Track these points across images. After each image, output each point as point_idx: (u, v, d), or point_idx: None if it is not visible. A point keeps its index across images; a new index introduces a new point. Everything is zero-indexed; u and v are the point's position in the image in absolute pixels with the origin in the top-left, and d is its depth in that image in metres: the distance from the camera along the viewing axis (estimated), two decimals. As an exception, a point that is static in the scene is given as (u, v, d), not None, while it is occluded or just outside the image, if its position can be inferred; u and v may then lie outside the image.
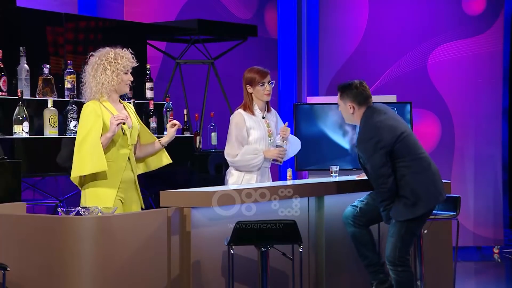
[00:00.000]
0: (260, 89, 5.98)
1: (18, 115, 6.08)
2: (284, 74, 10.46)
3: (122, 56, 5.33)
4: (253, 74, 5.99)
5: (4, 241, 4.73)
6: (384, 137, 5.45)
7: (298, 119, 7.64)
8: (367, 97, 5.59)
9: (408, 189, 5.47)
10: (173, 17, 9.21)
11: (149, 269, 4.74)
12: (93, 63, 5.32)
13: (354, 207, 5.73)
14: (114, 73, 5.29)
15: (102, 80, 5.27)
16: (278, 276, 5.34)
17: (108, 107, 5.29)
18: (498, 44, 9.74)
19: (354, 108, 5.58)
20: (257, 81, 5.97)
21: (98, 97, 5.28)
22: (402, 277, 5.54)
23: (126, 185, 5.31)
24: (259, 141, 5.99)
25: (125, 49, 5.39)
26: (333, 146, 7.55)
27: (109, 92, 5.30)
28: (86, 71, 5.36)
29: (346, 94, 5.61)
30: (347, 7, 9.85)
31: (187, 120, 7.69)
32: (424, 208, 5.49)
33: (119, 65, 5.30)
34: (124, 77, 5.33)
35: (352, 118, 5.62)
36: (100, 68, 5.28)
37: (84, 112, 5.25)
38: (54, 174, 6.70)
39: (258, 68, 6.04)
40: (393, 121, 5.55)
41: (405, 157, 5.49)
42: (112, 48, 5.36)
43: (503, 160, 10.03)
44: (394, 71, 9.65)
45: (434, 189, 5.53)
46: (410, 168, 5.49)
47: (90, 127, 5.18)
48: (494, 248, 9.85)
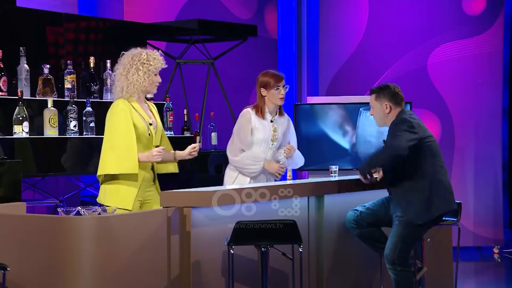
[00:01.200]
0: (275, 93, 6.00)
1: (18, 115, 6.08)
2: (284, 74, 10.45)
3: (154, 58, 5.41)
4: (268, 78, 6.01)
5: (4, 241, 4.73)
6: (416, 129, 5.51)
7: (298, 119, 7.64)
8: (402, 98, 5.71)
9: (427, 191, 5.51)
10: (173, 17, 9.21)
11: (149, 269, 4.74)
12: (125, 63, 5.40)
13: (355, 211, 5.76)
14: (146, 74, 5.38)
15: (134, 80, 5.36)
16: (278, 276, 5.34)
17: (136, 107, 5.37)
18: (498, 44, 9.73)
19: (391, 108, 5.65)
20: (272, 85, 5.99)
21: (127, 96, 5.36)
22: (401, 277, 5.54)
23: (147, 183, 5.40)
24: (261, 142, 5.98)
25: (155, 50, 5.46)
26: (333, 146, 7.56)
27: (140, 92, 5.39)
28: (117, 70, 5.44)
29: (383, 94, 5.68)
30: (347, 7, 9.85)
31: (187, 120, 7.69)
32: (440, 210, 5.52)
33: (151, 66, 5.39)
34: (155, 78, 5.42)
35: (387, 118, 5.66)
36: (133, 69, 5.36)
37: (115, 109, 5.33)
38: (54, 174, 6.70)
39: (274, 72, 6.08)
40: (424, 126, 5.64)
41: (431, 159, 5.55)
42: (143, 48, 5.44)
43: (503, 160, 10.02)
44: (394, 71, 9.65)
45: (449, 196, 5.60)
46: (433, 172, 5.54)
47: (124, 126, 5.28)
48: (494, 248, 9.85)
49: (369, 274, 6.11)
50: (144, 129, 5.36)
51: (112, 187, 5.32)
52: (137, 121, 5.34)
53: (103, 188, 5.37)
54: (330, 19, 9.90)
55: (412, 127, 5.50)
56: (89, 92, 6.86)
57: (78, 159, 6.54)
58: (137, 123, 5.32)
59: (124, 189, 5.29)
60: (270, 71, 6.08)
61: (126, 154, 5.26)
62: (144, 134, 5.35)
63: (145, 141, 5.38)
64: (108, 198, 5.31)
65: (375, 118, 5.74)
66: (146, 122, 5.39)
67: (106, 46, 7.42)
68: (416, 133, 5.50)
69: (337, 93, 9.31)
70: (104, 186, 5.36)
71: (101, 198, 5.37)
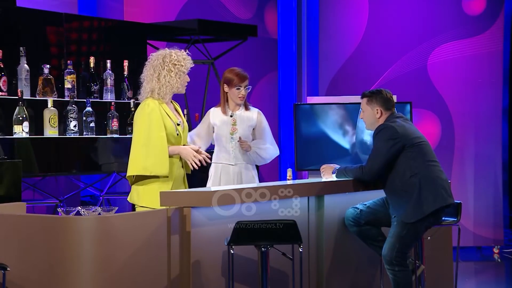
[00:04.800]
0: (235, 92, 6.08)
1: (18, 115, 6.08)
2: (284, 74, 10.46)
3: (184, 58, 5.44)
4: (232, 76, 6.08)
5: (4, 241, 4.73)
6: (401, 134, 5.58)
7: (298, 119, 7.63)
8: (393, 104, 5.79)
9: (417, 188, 5.52)
10: (173, 17, 9.21)
11: (149, 269, 4.74)
12: (156, 64, 5.39)
13: (355, 209, 5.80)
14: (178, 75, 5.40)
15: (166, 82, 5.36)
16: (278, 276, 5.34)
17: (164, 107, 5.38)
18: (498, 44, 9.73)
19: (382, 113, 5.72)
20: (234, 83, 6.07)
21: (158, 98, 5.37)
22: (400, 277, 5.55)
23: (178, 181, 5.43)
24: (220, 137, 6.10)
25: (182, 50, 5.47)
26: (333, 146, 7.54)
27: (171, 93, 5.42)
28: (147, 72, 5.42)
29: (375, 99, 5.75)
30: (347, 7, 9.85)
31: (187, 120, 7.69)
32: (433, 207, 5.51)
33: (182, 66, 5.40)
34: (185, 78, 5.44)
35: (377, 123, 5.74)
36: (165, 70, 5.36)
37: (146, 109, 5.33)
38: (54, 174, 6.70)
39: (238, 71, 6.12)
40: (413, 129, 5.70)
41: (420, 159, 5.59)
42: (171, 49, 5.44)
43: (503, 160, 10.02)
44: (394, 71, 9.65)
45: (443, 191, 5.58)
46: (424, 170, 5.57)
47: (156, 127, 5.29)
48: (494, 248, 9.85)
49: (369, 274, 6.11)
50: (172, 129, 5.37)
51: (145, 187, 5.33)
52: (166, 121, 5.35)
53: (135, 188, 5.37)
54: (330, 19, 9.89)
55: (395, 133, 5.57)
56: (89, 92, 6.86)
57: (78, 159, 6.55)
58: (166, 124, 5.34)
59: (157, 189, 5.25)
60: (236, 69, 6.13)
61: (159, 156, 5.27)
62: (172, 134, 5.37)
63: (174, 141, 5.39)
64: (142, 198, 5.32)
65: (365, 121, 5.84)
66: (174, 122, 5.40)
67: (106, 46, 7.42)
68: (398, 141, 5.56)
69: (337, 93, 9.30)
70: (136, 186, 5.36)
71: (134, 198, 5.38)
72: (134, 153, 5.32)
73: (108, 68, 6.91)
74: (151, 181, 5.33)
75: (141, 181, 5.34)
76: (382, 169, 5.60)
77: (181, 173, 5.48)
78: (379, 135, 5.64)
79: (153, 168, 5.28)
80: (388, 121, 5.68)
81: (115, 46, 7.47)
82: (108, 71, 6.91)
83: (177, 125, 5.42)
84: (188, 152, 5.39)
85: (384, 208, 5.74)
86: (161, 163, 5.28)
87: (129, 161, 5.34)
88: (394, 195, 5.61)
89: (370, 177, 5.65)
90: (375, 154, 5.62)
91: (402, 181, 5.56)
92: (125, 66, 7.07)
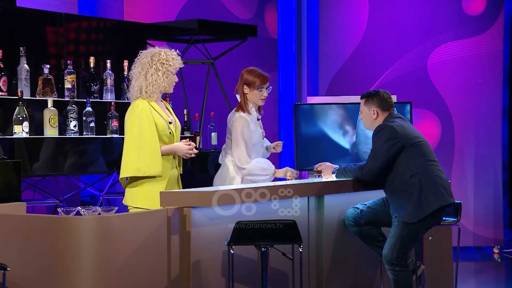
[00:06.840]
0: (257, 94, 5.92)
1: (18, 115, 6.08)
2: (284, 74, 10.46)
3: (173, 58, 5.41)
4: (254, 78, 5.90)
5: (4, 241, 4.73)
6: (400, 134, 5.58)
7: (298, 119, 7.63)
8: (391, 105, 5.78)
9: (417, 188, 5.52)
10: (173, 17, 9.21)
11: (149, 269, 4.74)
12: (144, 63, 5.37)
13: (355, 208, 5.80)
14: (165, 74, 5.37)
15: (153, 80, 5.34)
16: (278, 276, 5.34)
17: (154, 107, 5.36)
18: (498, 44, 9.73)
19: (378, 114, 5.72)
20: (257, 85, 5.92)
21: (146, 97, 5.35)
22: (400, 277, 5.55)
23: (172, 182, 5.41)
24: (258, 143, 5.97)
25: (173, 49, 5.44)
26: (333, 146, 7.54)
27: (159, 92, 5.38)
28: (135, 69, 5.41)
29: (372, 100, 5.76)
30: (347, 7, 9.85)
31: (187, 120, 7.69)
32: (433, 207, 5.51)
33: (170, 66, 5.37)
34: (173, 78, 5.41)
35: (374, 123, 5.74)
36: (152, 69, 5.34)
37: (135, 110, 5.31)
38: (54, 174, 6.70)
39: (260, 72, 5.96)
40: (411, 129, 5.70)
41: (419, 159, 5.59)
42: (162, 48, 5.42)
43: (503, 160, 10.02)
44: (394, 71, 9.65)
45: (443, 191, 5.58)
46: (423, 169, 5.57)
47: (147, 128, 5.27)
48: (494, 248, 9.85)
49: (369, 274, 6.11)
50: (164, 127, 5.36)
51: (138, 189, 5.32)
52: (158, 120, 5.33)
53: (129, 191, 5.35)
54: (330, 19, 9.90)
55: (394, 133, 5.57)
56: (89, 92, 6.86)
57: (78, 159, 6.54)
58: (157, 123, 5.32)
59: (151, 189, 5.26)
60: (257, 71, 5.95)
61: (152, 156, 5.26)
62: (164, 133, 5.36)
63: (167, 140, 5.38)
64: (136, 200, 5.31)
65: (363, 122, 5.85)
66: (166, 121, 5.40)
67: (106, 46, 7.42)
68: (397, 141, 5.56)
69: (337, 93, 9.30)
70: (129, 188, 5.35)
71: (128, 200, 5.36)
72: (126, 155, 5.30)
73: (108, 68, 6.91)
74: (144, 182, 5.31)
75: (134, 182, 5.33)
76: (382, 169, 5.60)
77: (175, 174, 5.46)
78: (379, 135, 5.64)
79: (146, 169, 5.26)
80: (387, 121, 5.68)
81: (115, 46, 7.47)
82: (108, 71, 6.91)
83: (169, 123, 5.41)
84: (182, 148, 5.39)
85: (384, 208, 5.74)
86: (154, 163, 5.27)
87: (122, 163, 5.33)
88: (394, 195, 5.61)
89: (370, 177, 5.65)
90: (374, 154, 5.63)
91: (402, 181, 5.57)
92: (125, 66, 7.06)
